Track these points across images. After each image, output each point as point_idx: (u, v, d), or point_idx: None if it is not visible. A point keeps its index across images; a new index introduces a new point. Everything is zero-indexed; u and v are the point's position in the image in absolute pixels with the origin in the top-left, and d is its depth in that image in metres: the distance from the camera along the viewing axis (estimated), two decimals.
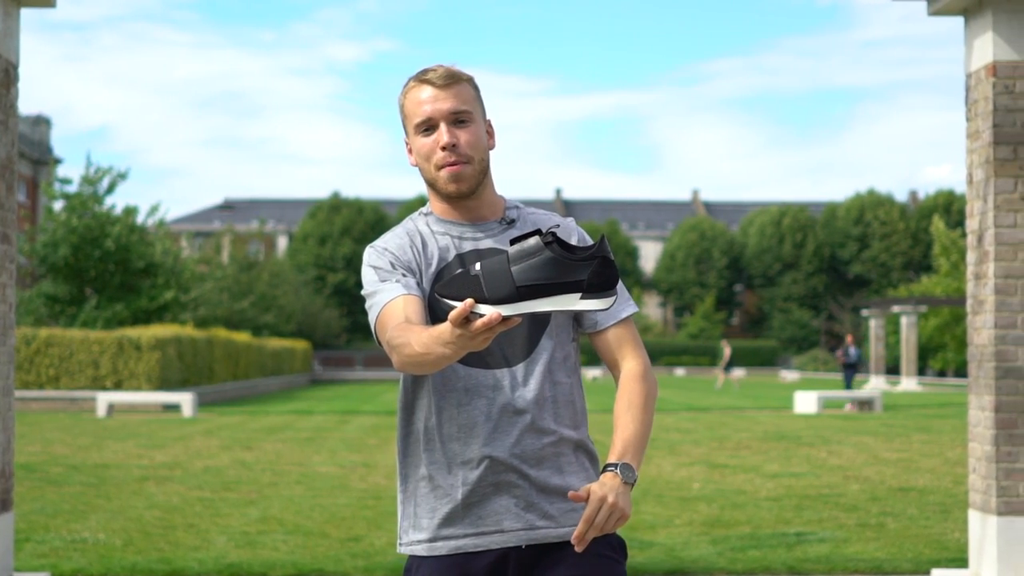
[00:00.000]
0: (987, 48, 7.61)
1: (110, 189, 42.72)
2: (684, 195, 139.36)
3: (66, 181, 43.65)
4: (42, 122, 78.03)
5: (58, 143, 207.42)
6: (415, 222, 3.44)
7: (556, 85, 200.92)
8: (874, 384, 54.50)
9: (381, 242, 3.41)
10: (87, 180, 42.63)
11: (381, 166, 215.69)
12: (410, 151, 3.41)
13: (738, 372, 48.59)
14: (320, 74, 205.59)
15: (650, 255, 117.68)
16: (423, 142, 3.32)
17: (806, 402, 32.96)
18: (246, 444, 20.76)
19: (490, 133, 3.41)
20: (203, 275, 54.14)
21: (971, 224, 7.91)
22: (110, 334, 35.09)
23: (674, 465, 17.11)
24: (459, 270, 3.00)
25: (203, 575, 9.08)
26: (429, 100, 3.30)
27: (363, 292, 3.35)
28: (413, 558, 3.39)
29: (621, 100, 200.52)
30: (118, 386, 34.29)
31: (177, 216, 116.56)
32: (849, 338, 35.86)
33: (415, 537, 3.37)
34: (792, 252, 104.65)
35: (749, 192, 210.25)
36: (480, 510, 3.30)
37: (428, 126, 3.31)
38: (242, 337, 48.24)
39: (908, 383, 53.96)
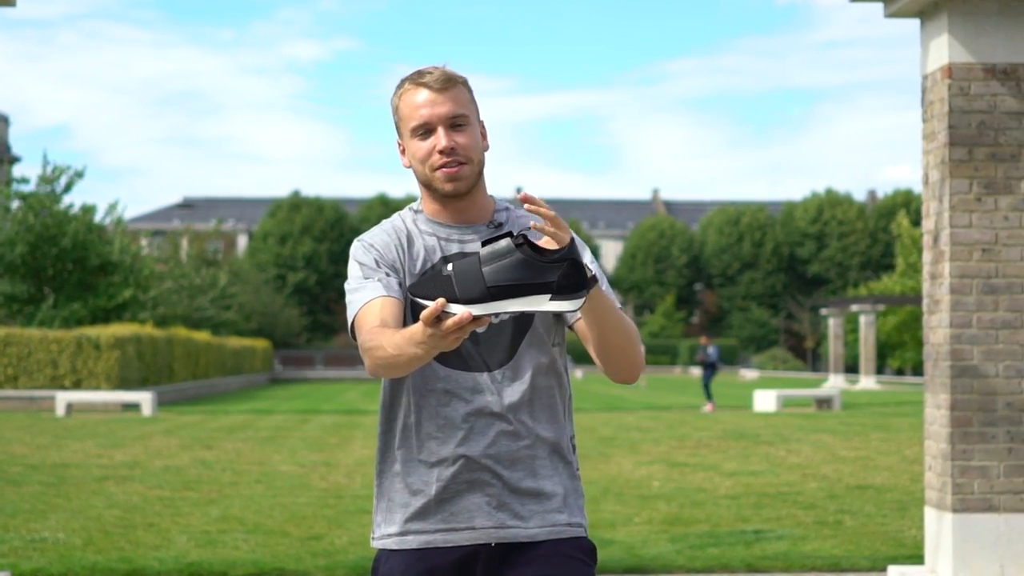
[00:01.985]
0: (943, 50, 7.69)
1: (67, 188, 42.48)
2: (644, 194, 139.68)
3: (23, 180, 43.39)
4: (0, 120, 77.57)
5: (16, 141, 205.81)
6: (404, 219, 3.44)
7: (516, 84, 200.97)
8: (833, 383, 54.78)
9: (368, 237, 3.42)
10: (44, 179, 42.38)
11: (341, 165, 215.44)
12: (403, 152, 3.41)
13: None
14: (280, 73, 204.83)
15: (610, 254, 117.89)
16: (420, 145, 3.31)
17: (765, 400, 33.13)
18: (206, 443, 20.72)
19: (484, 134, 3.42)
20: (162, 274, 53.93)
21: (927, 224, 7.99)
22: (69, 333, 34.93)
23: (634, 464, 17.18)
24: (433, 270, 3.04)
25: (164, 574, 9.08)
26: (426, 104, 3.29)
27: (345, 286, 3.36)
28: (382, 551, 3.41)
29: (581, 100, 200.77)
30: (77, 385, 34.14)
31: (136, 215, 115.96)
32: (704, 339, 35.84)
33: (386, 531, 3.40)
34: (751, 251, 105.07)
35: (708, 191, 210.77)
36: (452, 507, 3.32)
37: (425, 130, 3.30)
38: (202, 336, 48.11)
39: (867, 382, 54.29)
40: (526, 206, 3.01)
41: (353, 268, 3.36)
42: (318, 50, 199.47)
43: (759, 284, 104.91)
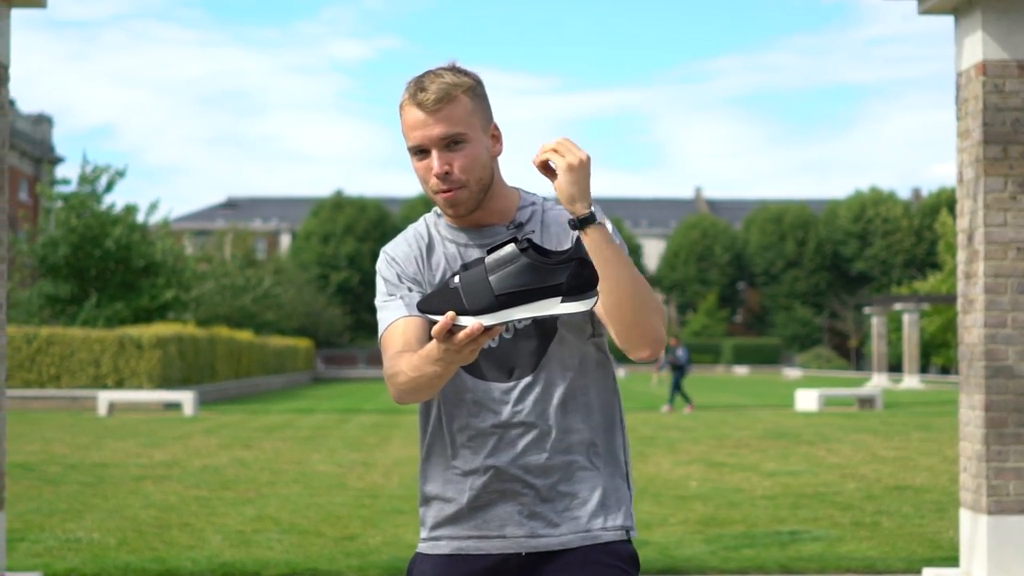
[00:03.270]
0: (977, 47, 7.61)
1: (108, 187, 42.66)
2: (687, 193, 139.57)
3: (64, 181, 43.62)
4: (44, 121, 78.01)
5: (62, 142, 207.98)
6: (427, 223, 3.39)
7: (560, 83, 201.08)
8: (876, 382, 54.47)
9: (391, 248, 3.37)
10: (85, 179, 42.58)
11: (385, 164, 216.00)
12: None
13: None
14: (324, 72, 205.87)
15: (653, 252, 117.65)
16: (417, 164, 3.23)
17: (807, 400, 32.96)
18: (246, 443, 20.77)
19: (496, 138, 3.30)
20: (204, 274, 54.10)
21: (961, 223, 7.91)
22: (111, 333, 35.09)
23: (672, 463, 17.11)
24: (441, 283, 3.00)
25: (196, 574, 9.08)
26: (419, 125, 3.18)
27: (375, 300, 3.34)
28: (416, 554, 3.40)
29: (625, 98, 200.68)
30: (119, 385, 34.30)
31: (180, 214, 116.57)
32: (674, 340, 35.44)
33: (422, 535, 3.40)
34: (794, 250, 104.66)
35: (751, 190, 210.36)
36: (484, 514, 3.29)
37: (420, 150, 3.21)
38: (244, 335, 48.24)
39: (910, 381, 53.93)
40: (537, 164, 3.04)
41: (379, 283, 3.33)
42: (362, 49, 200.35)
43: (802, 282, 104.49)
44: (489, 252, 2.86)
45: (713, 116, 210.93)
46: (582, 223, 3.07)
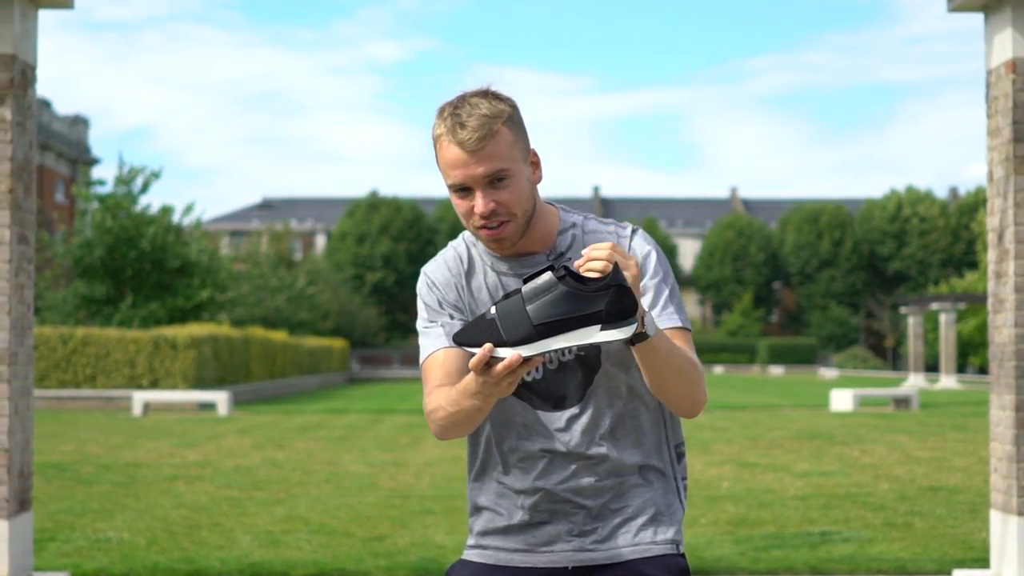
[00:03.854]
0: (1007, 45, 7.55)
1: (144, 189, 42.84)
2: (722, 192, 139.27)
3: (100, 182, 43.82)
4: (80, 122, 78.43)
5: (101, 143, 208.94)
6: (467, 243, 3.32)
7: (595, 83, 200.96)
8: (912, 382, 54.20)
9: (431, 271, 3.31)
10: (121, 180, 42.76)
11: (420, 165, 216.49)
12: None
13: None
14: (360, 73, 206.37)
15: (688, 252, 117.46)
16: (459, 202, 3.13)
17: (842, 400, 32.81)
18: (279, 443, 20.81)
19: (535, 164, 3.21)
20: (238, 274, 54.22)
21: (991, 222, 7.85)
22: (146, 333, 35.22)
23: (705, 464, 17.06)
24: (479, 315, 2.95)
25: (225, 574, 9.09)
26: (460, 164, 3.07)
27: (416, 325, 3.30)
28: (459, 560, 3.37)
29: (660, 98, 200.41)
30: (154, 385, 34.43)
31: (216, 215, 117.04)
32: None
33: (469, 542, 3.38)
34: (830, 249, 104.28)
35: (787, 189, 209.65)
36: (535, 531, 3.27)
37: (462, 188, 3.11)
38: (279, 336, 48.34)
39: (947, 381, 53.62)
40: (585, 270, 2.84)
41: (420, 307, 3.29)
42: (398, 50, 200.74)
43: (839, 282, 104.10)
44: (526, 281, 2.81)
45: (749, 115, 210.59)
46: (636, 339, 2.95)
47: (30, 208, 7.57)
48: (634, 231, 3.28)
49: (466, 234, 3.34)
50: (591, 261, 2.83)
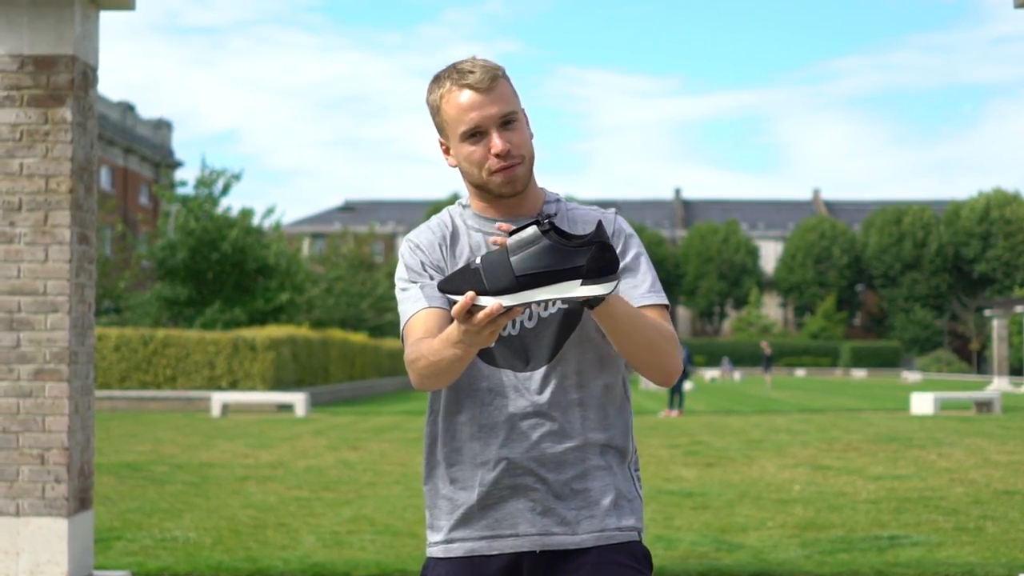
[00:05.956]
0: None
1: (225, 191, 43.18)
2: (805, 195, 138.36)
3: (181, 183, 44.23)
4: (163, 126, 79.30)
5: (187, 146, 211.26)
6: (451, 214, 3.38)
7: (679, 85, 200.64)
8: (996, 385, 53.52)
9: (415, 236, 3.37)
10: (202, 182, 43.13)
11: None
12: (447, 151, 3.32)
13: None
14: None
15: (770, 255, 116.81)
16: (472, 149, 3.20)
17: (922, 403, 32.46)
18: (353, 444, 20.88)
19: (527, 123, 3.31)
20: (318, 277, 54.46)
21: None
22: (225, 335, 35.49)
23: (778, 467, 16.91)
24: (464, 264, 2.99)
25: (287, 574, 9.12)
26: (475, 106, 3.18)
27: (396, 289, 3.32)
28: (430, 559, 3.34)
29: (744, 99, 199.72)
30: (233, 386, 34.68)
31: (298, 218, 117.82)
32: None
33: (433, 539, 3.33)
34: (913, 252, 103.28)
35: (871, 191, 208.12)
36: (496, 512, 3.23)
37: (476, 133, 3.19)
38: (358, 338, 48.54)
39: None
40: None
41: (400, 270, 3.31)
42: (482, 52, 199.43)
43: (922, 285, 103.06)
44: (511, 234, 2.85)
45: (834, 117, 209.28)
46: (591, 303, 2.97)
47: (91, 208, 7.62)
48: (616, 212, 3.41)
49: (450, 207, 3.42)
50: None
